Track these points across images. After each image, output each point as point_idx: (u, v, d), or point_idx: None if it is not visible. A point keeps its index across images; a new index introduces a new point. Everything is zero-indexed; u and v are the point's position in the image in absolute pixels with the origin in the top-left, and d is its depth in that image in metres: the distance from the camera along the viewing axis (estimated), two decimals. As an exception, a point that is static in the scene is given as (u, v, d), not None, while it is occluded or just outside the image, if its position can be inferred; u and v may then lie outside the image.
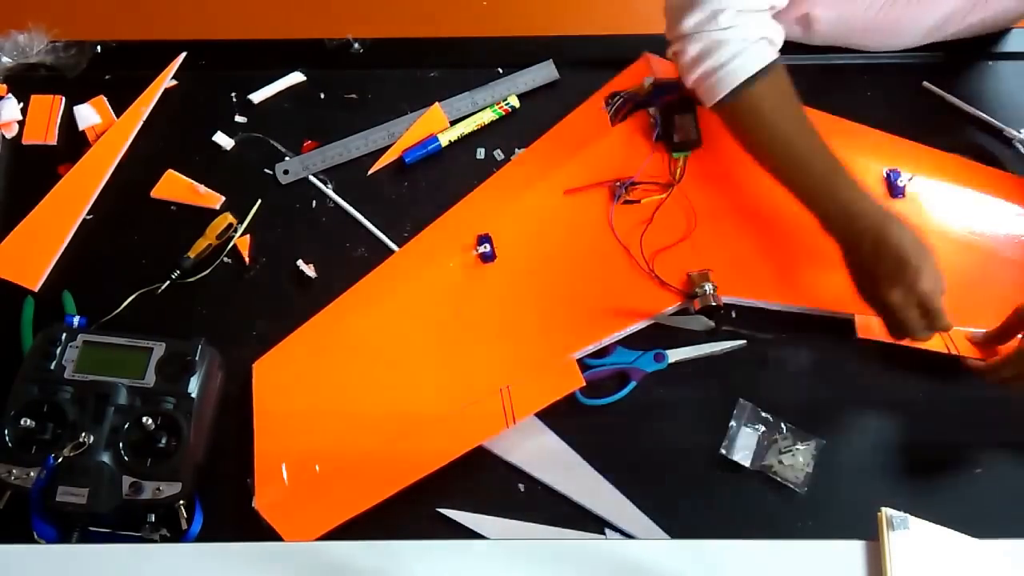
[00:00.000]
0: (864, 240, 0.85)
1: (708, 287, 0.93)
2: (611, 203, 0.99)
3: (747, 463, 0.89)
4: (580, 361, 0.93)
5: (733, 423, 0.91)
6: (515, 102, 1.05)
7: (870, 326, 0.91)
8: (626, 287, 0.96)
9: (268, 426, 0.90)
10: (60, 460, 0.82)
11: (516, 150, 1.04)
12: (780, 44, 0.91)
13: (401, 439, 0.90)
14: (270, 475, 0.88)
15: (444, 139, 1.04)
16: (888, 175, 1.00)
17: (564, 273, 0.97)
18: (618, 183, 0.99)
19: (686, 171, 1.00)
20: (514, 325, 0.95)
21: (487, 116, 1.05)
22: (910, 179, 1.00)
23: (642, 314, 0.94)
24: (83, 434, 0.83)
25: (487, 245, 0.97)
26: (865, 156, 1.01)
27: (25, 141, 1.04)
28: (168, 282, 0.97)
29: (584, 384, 0.91)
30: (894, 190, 1.00)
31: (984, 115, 1.05)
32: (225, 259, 0.99)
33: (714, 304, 0.93)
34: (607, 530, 0.88)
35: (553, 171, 1.01)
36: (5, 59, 1.07)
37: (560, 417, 0.92)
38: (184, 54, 1.09)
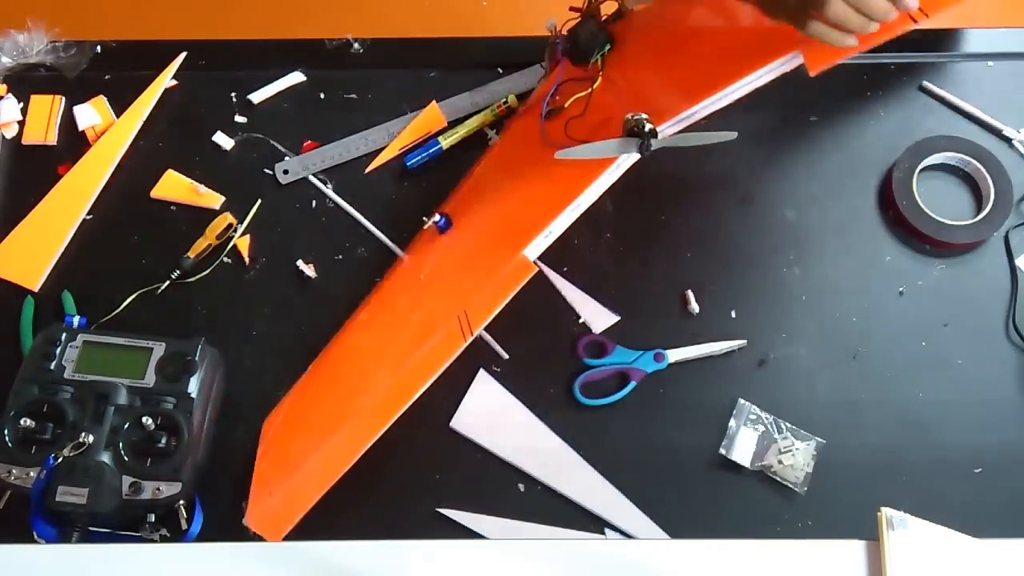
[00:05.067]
0: None
1: (637, 116, 0.88)
2: (540, 120, 0.96)
3: (747, 463, 0.89)
4: (580, 362, 0.94)
5: (733, 423, 0.91)
6: (514, 102, 1.05)
7: (817, 55, 0.85)
8: (565, 169, 0.90)
9: (267, 463, 0.90)
10: (60, 460, 0.82)
11: (516, 150, 1.04)
12: None
13: (363, 394, 0.88)
14: (260, 493, 0.88)
15: (445, 141, 1.03)
16: None
17: (508, 196, 0.95)
18: (544, 102, 0.96)
19: (605, 66, 0.97)
20: (472, 259, 0.92)
21: (487, 116, 1.05)
22: None
23: (589, 175, 0.90)
24: (83, 434, 0.83)
25: (439, 216, 0.95)
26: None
27: (25, 141, 1.04)
28: (168, 282, 0.97)
29: (536, 270, 0.87)
30: None
31: (984, 115, 1.05)
32: (225, 259, 0.99)
33: (643, 127, 0.87)
34: (607, 530, 0.88)
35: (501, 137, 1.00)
36: (5, 59, 1.07)
37: (560, 417, 0.92)
38: (184, 54, 1.09)
